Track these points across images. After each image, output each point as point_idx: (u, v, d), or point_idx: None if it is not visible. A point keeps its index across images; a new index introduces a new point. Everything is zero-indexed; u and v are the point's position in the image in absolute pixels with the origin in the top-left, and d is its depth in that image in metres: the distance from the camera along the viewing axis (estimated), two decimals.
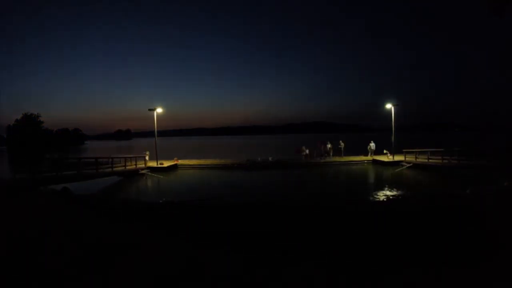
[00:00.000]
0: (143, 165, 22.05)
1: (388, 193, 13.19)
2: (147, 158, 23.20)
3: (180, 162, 25.03)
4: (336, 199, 12.66)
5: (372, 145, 25.93)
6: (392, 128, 23.64)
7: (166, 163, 23.45)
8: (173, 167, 23.41)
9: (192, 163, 25.16)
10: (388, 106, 23.95)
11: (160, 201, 13.27)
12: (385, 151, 24.20)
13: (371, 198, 12.47)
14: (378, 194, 13.06)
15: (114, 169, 19.15)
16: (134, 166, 21.09)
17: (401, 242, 6.97)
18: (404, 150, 22.93)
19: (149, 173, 20.70)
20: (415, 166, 20.65)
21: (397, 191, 13.54)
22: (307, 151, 26.36)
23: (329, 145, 26.62)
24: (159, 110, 23.61)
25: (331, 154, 26.50)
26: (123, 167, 19.98)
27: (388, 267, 5.44)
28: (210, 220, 9.66)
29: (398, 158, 22.79)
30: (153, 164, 22.70)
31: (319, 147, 26.93)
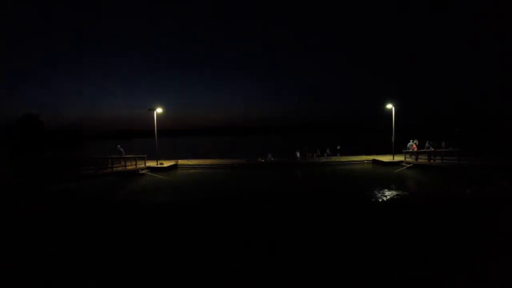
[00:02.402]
0: (143, 165, 22.04)
1: (388, 193, 13.17)
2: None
3: (180, 162, 25.02)
4: (335, 199, 12.64)
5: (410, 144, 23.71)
6: (392, 128, 23.59)
7: (166, 163, 23.45)
8: (173, 167, 23.41)
9: (192, 163, 25.15)
10: (389, 106, 23.91)
11: (159, 200, 13.26)
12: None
13: (370, 198, 12.45)
14: (378, 194, 13.05)
15: (114, 169, 19.14)
16: (134, 166, 21.08)
17: (400, 242, 6.96)
18: (404, 150, 22.91)
19: (149, 173, 20.69)
20: (415, 166, 20.63)
21: (397, 191, 13.52)
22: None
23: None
24: (159, 110, 23.60)
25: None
26: (123, 167, 19.97)
27: (388, 267, 5.42)
28: (203, 219, 9.65)
29: (398, 158, 22.78)
30: (153, 164, 22.70)
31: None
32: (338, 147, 27.76)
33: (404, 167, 20.76)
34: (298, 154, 26.09)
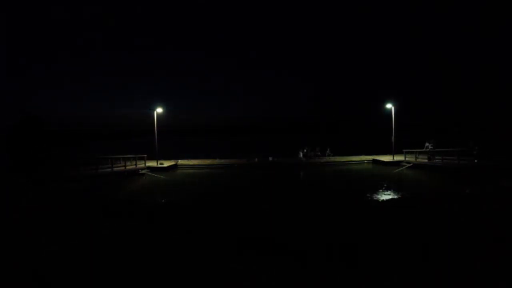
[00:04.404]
0: (143, 165, 22.04)
1: (388, 193, 13.18)
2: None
3: (180, 162, 25.03)
4: (336, 199, 12.64)
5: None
6: (392, 127, 23.57)
7: (166, 163, 23.46)
8: (173, 167, 23.41)
9: (192, 163, 25.15)
10: (388, 105, 23.89)
11: (162, 200, 13.26)
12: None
13: (370, 198, 12.46)
14: (378, 194, 13.06)
15: (114, 169, 19.15)
16: (134, 166, 21.09)
17: (400, 241, 6.95)
18: (404, 150, 22.91)
19: (149, 173, 20.70)
20: (415, 166, 20.63)
21: (397, 191, 13.53)
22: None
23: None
24: (159, 110, 23.62)
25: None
26: (123, 167, 19.98)
27: (388, 267, 5.42)
28: (200, 219, 9.65)
29: (398, 158, 22.77)
30: (153, 164, 22.70)
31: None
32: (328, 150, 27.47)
33: (404, 167, 20.76)
34: (301, 154, 26.10)
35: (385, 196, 12.67)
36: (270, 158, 25.44)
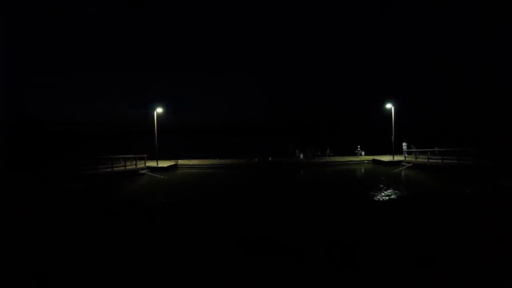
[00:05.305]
0: (143, 165, 22.03)
1: (388, 193, 13.17)
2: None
3: (180, 162, 25.02)
4: (336, 199, 12.63)
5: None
6: (392, 127, 23.55)
7: (166, 163, 23.45)
8: (173, 167, 23.41)
9: (192, 163, 25.15)
10: (388, 105, 23.86)
11: (162, 200, 13.26)
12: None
13: (370, 198, 12.45)
14: (378, 193, 13.05)
15: (114, 169, 19.15)
16: (134, 166, 21.08)
17: (400, 242, 6.95)
18: (404, 150, 22.90)
19: (149, 173, 20.69)
20: (415, 166, 20.63)
21: (397, 191, 13.52)
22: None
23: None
24: (159, 110, 23.60)
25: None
26: (123, 167, 19.98)
27: (388, 267, 5.42)
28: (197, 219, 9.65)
29: (398, 158, 22.77)
30: (153, 164, 22.68)
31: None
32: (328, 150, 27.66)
33: (404, 167, 20.76)
34: (301, 156, 26.01)
35: (385, 196, 12.66)
36: (270, 158, 25.43)
